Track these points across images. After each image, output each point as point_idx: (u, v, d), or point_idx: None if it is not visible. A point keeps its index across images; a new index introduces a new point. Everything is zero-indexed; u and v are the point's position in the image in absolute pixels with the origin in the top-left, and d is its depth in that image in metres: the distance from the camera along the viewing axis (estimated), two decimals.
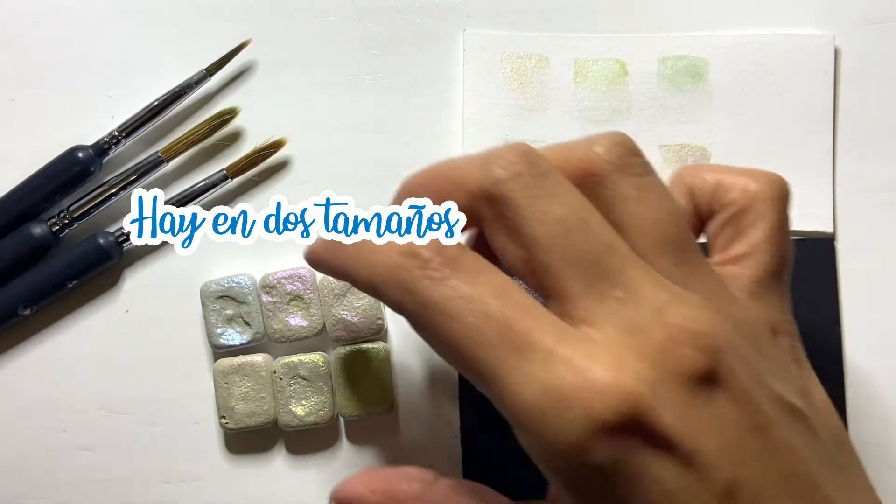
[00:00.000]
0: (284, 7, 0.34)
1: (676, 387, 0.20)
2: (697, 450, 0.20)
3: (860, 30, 0.33)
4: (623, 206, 0.23)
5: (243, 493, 0.32)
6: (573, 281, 0.21)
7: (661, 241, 0.22)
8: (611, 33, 0.33)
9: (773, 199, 0.24)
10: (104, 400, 0.32)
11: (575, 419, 0.19)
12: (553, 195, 0.22)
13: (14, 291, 0.32)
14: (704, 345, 0.20)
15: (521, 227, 0.22)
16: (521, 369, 0.20)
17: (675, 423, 0.20)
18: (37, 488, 0.32)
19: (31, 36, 0.34)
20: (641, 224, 0.22)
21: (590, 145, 0.23)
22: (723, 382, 0.20)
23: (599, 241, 0.21)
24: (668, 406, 0.20)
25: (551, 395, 0.20)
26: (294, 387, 0.31)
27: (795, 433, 0.22)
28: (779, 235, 0.24)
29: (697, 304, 0.21)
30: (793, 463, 0.21)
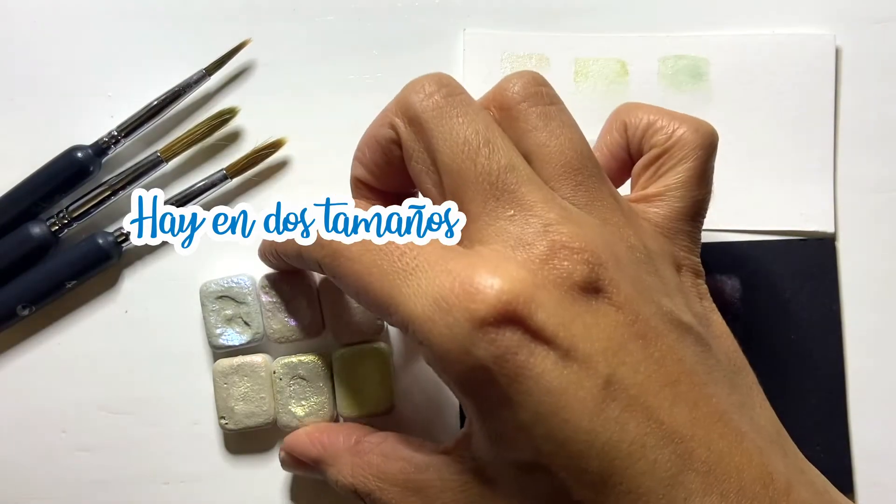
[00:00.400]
0: (284, 7, 0.34)
1: (555, 292, 0.21)
2: (576, 346, 0.21)
3: (861, 30, 0.33)
4: (530, 135, 0.24)
5: (243, 494, 0.32)
6: (472, 203, 0.23)
7: (562, 166, 0.24)
8: (611, 33, 0.33)
9: (695, 147, 0.26)
10: (104, 400, 0.32)
11: (456, 321, 0.21)
12: (461, 115, 0.23)
13: (13, 291, 0.32)
14: (585, 258, 0.22)
15: (431, 147, 0.23)
16: (412, 288, 0.22)
17: (551, 321, 0.21)
18: (36, 489, 0.32)
19: (30, 36, 0.34)
20: (545, 151, 0.24)
21: (501, 82, 0.25)
22: (605, 292, 0.22)
23: (499, 161, 0.23)
24: (545, 306, 0.21)
25: (436, 303, 0.21)
26: (294, 387, 0.31)
27: (685, 347, 0.23)
28: (693, 181, 0.26)
29: (588, 223, 0.23)
30: (679, 371, 0.22)
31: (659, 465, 0.20)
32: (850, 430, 0.32)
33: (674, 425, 0.21)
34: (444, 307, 0.21)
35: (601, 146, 0.28)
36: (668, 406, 0.21)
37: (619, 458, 0.20)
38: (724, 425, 0.22)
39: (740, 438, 0.22)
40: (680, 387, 0.21)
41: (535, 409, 0.21)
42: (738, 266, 0.32)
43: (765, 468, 0.21)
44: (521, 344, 0.21)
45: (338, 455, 0.27)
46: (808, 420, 0.32)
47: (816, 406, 0.32)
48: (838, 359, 0.32)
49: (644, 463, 0.20)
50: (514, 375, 0.21)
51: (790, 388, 0.32)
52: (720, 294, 0.32)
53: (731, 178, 0.33)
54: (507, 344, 0.21)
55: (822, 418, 0.31)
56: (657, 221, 0.25)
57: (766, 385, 0.31)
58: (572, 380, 0.21)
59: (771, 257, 0.32)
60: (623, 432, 0.20)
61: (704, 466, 0.21)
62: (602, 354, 0.21)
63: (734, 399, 0.23)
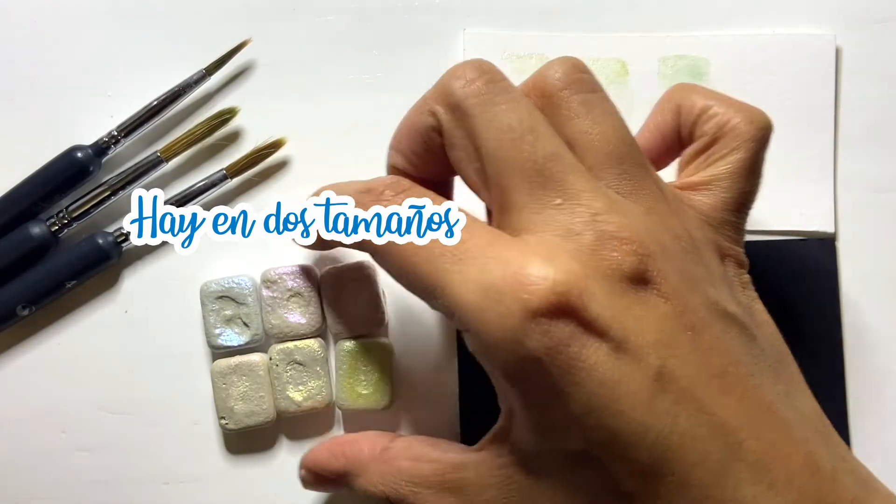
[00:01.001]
0: (284, 7, 0.34)
1: (605, 283, 0.21)
2: (627, 338, 0.21)
3: (861, 30, 0.33)
4: (572, 123, 0.24)
5: (243, 494, 0.32)
6: (517, 192, 0.22)
7: (605, 154, 0.23)
8: (611, 33, 0.33)
9: (748, 139, 0.25)
10: (104, 400, 0.32)
11: (508, 310, 0.21)
12: (504, 103, 0.23)
13: (13, 291, 0.32)
14: (633, 249, 0.21)
15: (474, 134, 0.23)
16: (460, 274, 0.22)
17: (604, 312, 0.21)
18: (36, 489, 0.32)
19: (30, 36, 0.34)
20: (588, 139, 0.23)
21: (542, 69, 0.24)
22: (654, 283, 0.21)
23: (544, 149, 0.22)
24: (596, 298, 0.21)
25: (487, 292, 0.21)
26: (290, 372, 0.31)
27: (731, 337, 0.22)
28: (741, 173, 0.25)
29: (633, 212, 0.22)
30: (726, 363, 0.22)
31: (709, 456, 0.20)
32: (850, 430, 0.32)
33: (723, 416, 0.21)
34: (496, 296, 0.21)
35: (651, 126, 0.27)
36: (718, 397, 0.21)
37: (670, 450, 0.20)
38: (771, 415, 0.22)
39: (787, 428, 0.22)
40: (728, 378, 0.21)
41: (587, 400, 0.20)
42: None
43: (811, 457, 0.21)
44: (574, 336, 0.20)
45: (364, 465, 0.27)
46: None
47: None
48: (838, 359, 0.32)
49: (695, 454, 0.20)
50: (566, 367, 0.20)
51: None
52: None
53: None
54: (560, 335, 0.20)
55: None
56: (702, 210, 0.25)
57: None
58: (625, 372, 0.20)
59: (771, 257, 0.32)
60: (674, 424, 0.20)
61: (753, 456, 0.21)
62: (653, 346, 0.21)
63: (779, 388, 0.23)
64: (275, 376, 0.31)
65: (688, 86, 0.27)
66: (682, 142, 0.27)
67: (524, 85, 0.25)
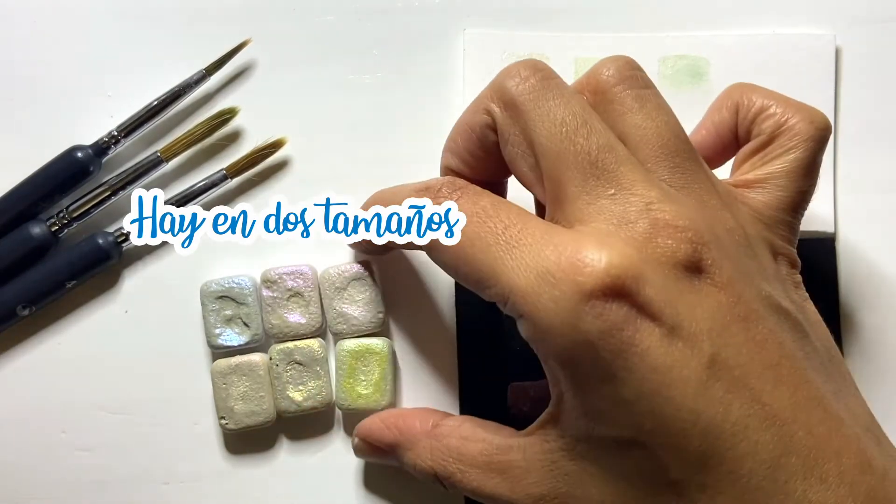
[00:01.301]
0: (284, 7, 0.34)
1: (660, 269, 0.21)
2: (681, 324, 0.21)
3: (861, 30, 0.33)
4: (625, 118, 0.24)
5: (243, 494, 0.32)
6: (571, 183, 0.23)
7: (658, 148, 0.24)
8: (611, 33, 0.33)
9: (807, 139, 0.25)
10: (104, 400, 0.32)
11: (563, 294, 0.21)
12: (557, 98, 0.23)
13: (13, 291, 0.32)
14: (688, 237, 0.21)
15: (528, 129, 0.23)
16: (516, 260, 0.22)
17: (658, 296, 0.21)
18: (36, 489, 0.32)
19: (30, 36, 0.34)
20: (642, 133, 0.24)
21: (595, 67, 0.25)
22: (708, 272, 0.21)
23: (597, 142, 0.23)
24: (651, 282, 0.21)
25: (542, 276, 0.21)
26: (291, 372, 0.31)
27: (784, 331, 0.22)
28: (799, 172, 0.25)
29: (687, 203, 0.23)
30: (779, 356, 0.22)
31: (761, 447, 0.20)
32: None
33: (776, 408, 0.21)
34: (551, 280, 0.21)
35: (708, 123, 0.28)
36: (771, 388, 0.21)
37: (721, 439, 0.20)
38: (823, 410, 0.21)
39: (839, 424, 0.22)
40: (781, 370, 0.21)
41: (638, 385, 0.20)
42: None
43: (863, 454, 0.21)
44: (628, 319, 0.20)
45: (415, 439, 0.27)
46: None
47: None
48: None
49: (747, 444, 0.20)
50: (619, 351, 0.20)
51: None
52: None
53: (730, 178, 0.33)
54: (613, 318, 0.20)
55: None
56: (756, 207, 0.25)
57: None
58: (677, 358, 0.20)
59: None
60: (727, 413, 0.20)
61: (805, 450, 0.21)
62: (707, 334, 0.21)
63: (830, 386, 0.23)
64: (275, 376, 0.31)
65: (747, 85, 0.27)
66: (738, 140, 0.27)
67: (577, 83, 0.25)
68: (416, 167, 0.32)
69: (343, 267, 0.31)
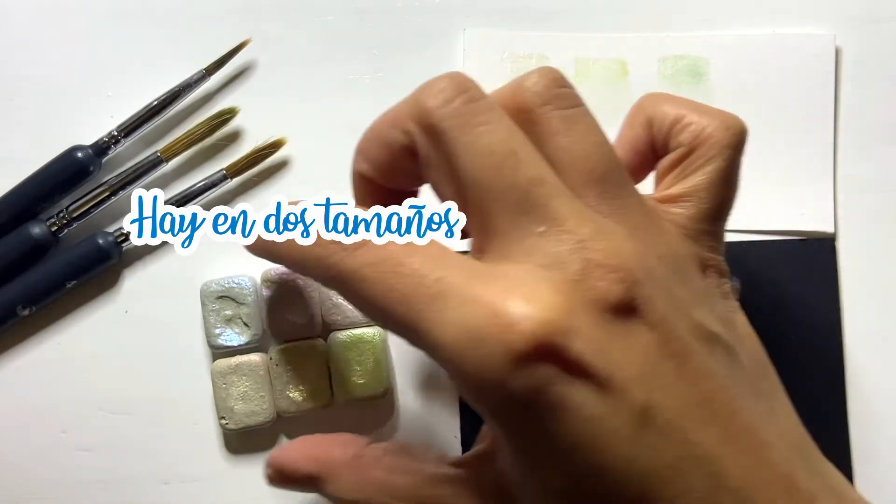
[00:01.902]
0: (284, 7, 0.34)
1: (591, 316, 0.20)
2: (612, 375, 0.20)
3: (861, 30, 0.33)
4: (552, 140, 0.23)
5: (243, 494, 0.32)
6: (499, 217, 0.22)
7: (587, 173, 0.23)
8: (611, 33, 0.33)
9: (725, 146, 0.25)
10: (104, 400, 0.32)
11: (490, 353, 0.20)
12: (483, 124, 0.22)
13: (13, 292, 0.32)
14: (621, 277, 0.21)
15: (452, 158, 0.22)
16: (437, 315, 0.21)
17: (588, 350, 0.20)
18: (36, 489, 0.32)
19: (30, 36, 0.34)
20: (569, 158, 0.23)
21: (520, 80, 0.23)
22: (640, 312, 0.21)
23: (526, 174, 0.22)
24: (581, 334, 0.20)
25: (467, 333, 0.20)
26: (291, 372, 0.31)
27: (715, 360, 0.22)
28: (720, 181, 0.25)
29: (620, 236, 0.22)
30: (711, 389, 0.21)
31: (694, 487, 0.20)
32: (850, 430, 0.32)
33: (707, 445, 0.21)
34: (477, 338, 0.20)
35: (623, 141, 0.27)
36: (702, 426, 0.21)
37: (656, 482, 0.20)
38: (753, 439, 0.21)
39: (769, 451, 0.22)
40: (713, 405, 0.21)
41: (572, 439, 0.20)
42: (738, 266, 0.32)
43: (790, 479, 0.21)
44: (558, 377, 0.20)
45: (335, 471, 0.26)
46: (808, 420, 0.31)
47: (816, 406, 0.32)
48: (838, 359, 0.32)
49: (679, 486, 0.20)
50: (550, 407, 0.20)
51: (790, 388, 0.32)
52: None
53: None
54: (543, 377, 0.20)
55: (822, 418, 0.31)
56: (682, 223, 0.24)
57: None
58: (609, 409, 0.20)
59: (771, 257, 0.32)
60: (660, 457, 0.20)
61: (736, 483, 0.21)
62: (638, 381, 0.20)
63: (762, 407, 0.23)
64: (275, 376, 0.31)
65: (657, 95, 0.26)
66: (656, 154, 0.26)
67: (500, 95, 0.24)
68: None
69: None
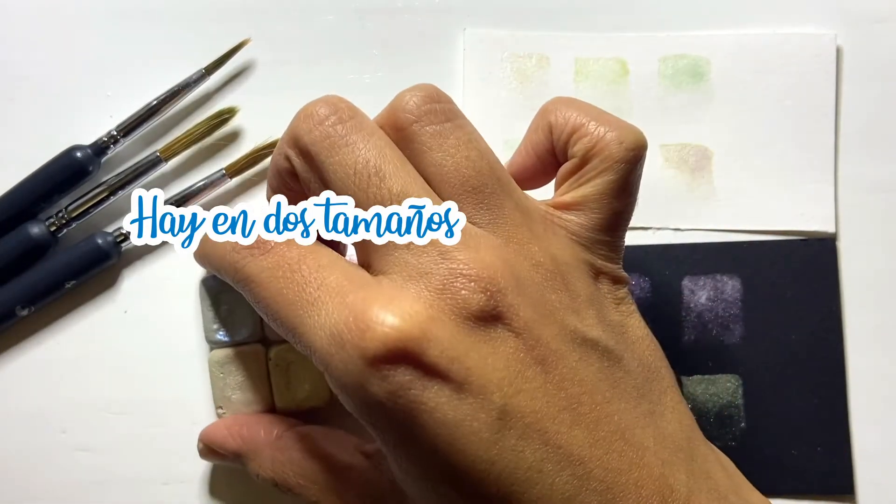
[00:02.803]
0: (284, 7, 0.34)
1: (450, 324, 0.21)
2: (469, 379, 0.21)
3: (862, 29, 0.33)
4: (426, 157, 0.24)
5: (243, 493, 0.32)
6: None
7: (460, 186, 0.23)
8: (612, 32, 0.33)
9: (618, 160, 0.25)
10: (103, 400, 0.32)
11: (350, 358, 0.21)
12: (350, 145, 0.23)
13: (12, 292, 0.32)
14: (482, 287, 0.21)
15: (324, 179, 0.23)
16: (313, 319, 0.22)
17: (444, 355, 0.21)
18: (36, 489, 0.32)
19: (30, 36, 0.34)
20: (442, 172, 0.23)
21: (397, 98, 0.24)
22: (504, 319, 0.22)
23: (390, 190, 0.23)
24: (440, 340, 0.21)
25: (334, 338, 0.21)
26: (290, 372, 0.31)
27: (588, 365, 0.23)
28: (612, 194, 0.25)
29: (488, 245, 0.22)
30: (580, 393, 0.22)
31: (556, 489, 0.21)
32: (850, 430, 0.32)
33: (571, 448, 0.21)
34: (339, 342, 0.21)
35: (527, 144, 0.27)
36: (567, 430, 0.21)
37: (516, 484, 0.21)
38: (624, 442, 0.22)
39: (641, 453, 0.22)
40: (581, 408, 0.22)
41: (432, 441, 0.21)
42: (738, 266, 0.32)
43: (664, 481, 0.22)
44: (414, 380, 0.21)
45: (258, 449, 0.28)
46: (808, 420, 0.32)
47: (816, 406, 0.32)
48: (838, 359, 0.32)
49: (542, 487, 0.21)
50: (408, 410, 0.21)
51: (790, 388, 0.32)
52: (721, 294, 0.32)
53: (731, 179, 0.33)
54: (399, 381, 0.21)
55: (822, 418, 0.31)
56: (574, 230, 0.25)
57: (766, 385, 0.31)
58: (467, 412, 0.21)
59: (771, 257, 0.32)
60: (519, 460, 0.21)
61: (602, 485, 0.21)
62: (497, 385, 0.21)
63: (642, 409, 0.23)
64: (274, 376, 0.31)
65: (560, 100, 0.26)
66: (557, 159, 0.26)
67: (380, 117, 0.25)
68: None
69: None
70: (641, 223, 0.33)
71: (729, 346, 0.32)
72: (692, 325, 0.32)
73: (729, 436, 0.32)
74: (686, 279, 0.32)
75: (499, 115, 0.33)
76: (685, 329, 0.32)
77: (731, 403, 0.32)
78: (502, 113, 0.33)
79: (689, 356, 0.32)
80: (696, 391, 0.32)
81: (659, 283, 0.32)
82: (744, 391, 0.32)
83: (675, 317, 0.32)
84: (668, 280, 0.32)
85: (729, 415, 0.32)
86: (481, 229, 0.23)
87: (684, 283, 0.32)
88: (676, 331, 0.32)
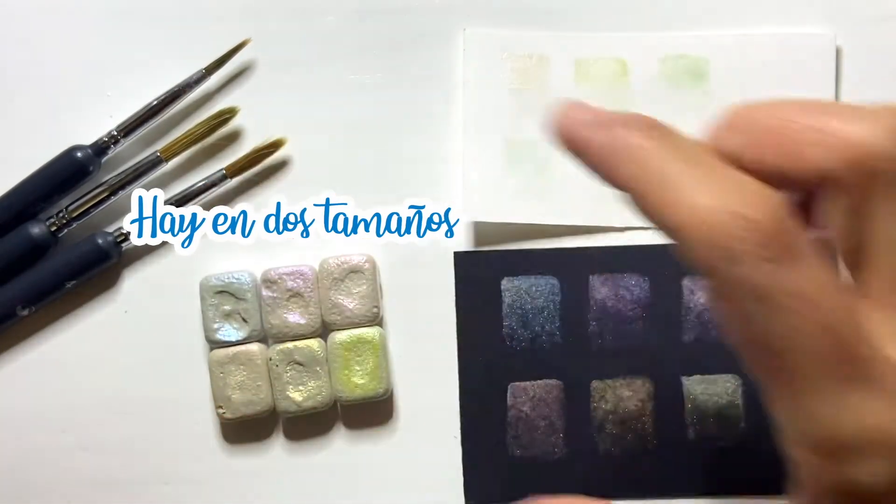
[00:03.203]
0: (284, 7, 0.34)
1: None
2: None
3: (862, 29, 0.33)
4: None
5: (244, 494, 0.32)
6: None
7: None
8: (612, 32, 0.33)
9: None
10: (103, 400, 0.32)
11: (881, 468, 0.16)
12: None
13: (12, 292, 0.32)
14: None
15: (867, 237, 0.18)
16: (848, 401, 0.16)
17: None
18: (36, 489, 0.32)
19: (30, 36, 0.34)
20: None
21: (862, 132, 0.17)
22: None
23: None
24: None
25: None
26: (291, 373, 0.31)
27: None
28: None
29: None
30: None
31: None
32: None
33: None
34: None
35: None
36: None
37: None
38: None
39: None
40: None
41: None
42: None
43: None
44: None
45: None
46: None
47: None
48: None
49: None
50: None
51: None
52: None
53: None
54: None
55: None
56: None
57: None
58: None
59: None
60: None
61: None
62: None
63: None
64: (275, 377, 0.31)
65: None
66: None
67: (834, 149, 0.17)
68: (416, 167, 0.32)
69: (343, 258, 0.31)
70: (641, 223, 0.33)
71: (729, 346, 0.32)
72: (692, 325, 0.32)
73: (729, 436, 0.32)
74: (686, 279, 0.32)
75: (499, 116, 0.33)
76: (685, 329, 0.32)
77: (731, 403, 0.32)
78: (502, 113, 0.33)
79: (689, 356, 0.32)
80: (696, 391, 0.32)
81: (659, 283, 0.32)
82: (744, 391, 0.32)
83: (675, 317, 0.32)
84: (668, 280, 0.32)
85: (729, 415, 0.32)
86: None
87: (684, 283, 0.32)
88: (676, 331, 0.32)
